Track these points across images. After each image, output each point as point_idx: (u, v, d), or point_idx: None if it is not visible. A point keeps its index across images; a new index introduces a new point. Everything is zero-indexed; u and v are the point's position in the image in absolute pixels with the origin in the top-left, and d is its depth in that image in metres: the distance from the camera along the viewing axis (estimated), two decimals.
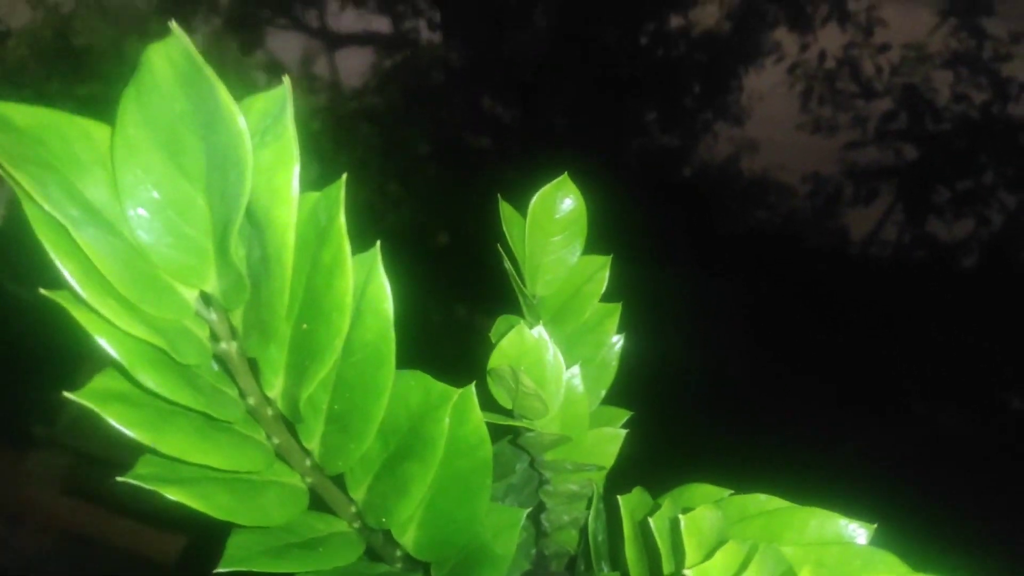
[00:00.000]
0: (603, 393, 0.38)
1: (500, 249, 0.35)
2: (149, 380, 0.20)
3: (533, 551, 0.46)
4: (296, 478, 0.28)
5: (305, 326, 0.23)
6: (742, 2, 3.44)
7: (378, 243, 0.23)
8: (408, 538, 0.34)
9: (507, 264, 0.35)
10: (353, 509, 0.31)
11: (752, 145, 3.46)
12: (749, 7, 3.45)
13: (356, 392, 0.25)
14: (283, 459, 0.27)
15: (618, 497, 0.24)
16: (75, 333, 0.19)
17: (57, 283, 0.18)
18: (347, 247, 0.21)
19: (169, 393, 0.20)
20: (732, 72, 3.33)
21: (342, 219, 0.21)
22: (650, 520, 0.23)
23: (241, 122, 0.17)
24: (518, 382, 0.30)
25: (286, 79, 0.18)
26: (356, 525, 0.31)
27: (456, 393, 0.26)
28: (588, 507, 0.39)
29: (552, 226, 0.36)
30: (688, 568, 0.19)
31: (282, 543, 0.27)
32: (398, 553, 0.34)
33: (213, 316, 0.22)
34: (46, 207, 0.18)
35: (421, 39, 3.08)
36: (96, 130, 0.20)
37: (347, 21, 3.16)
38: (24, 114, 0.19)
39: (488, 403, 0.35)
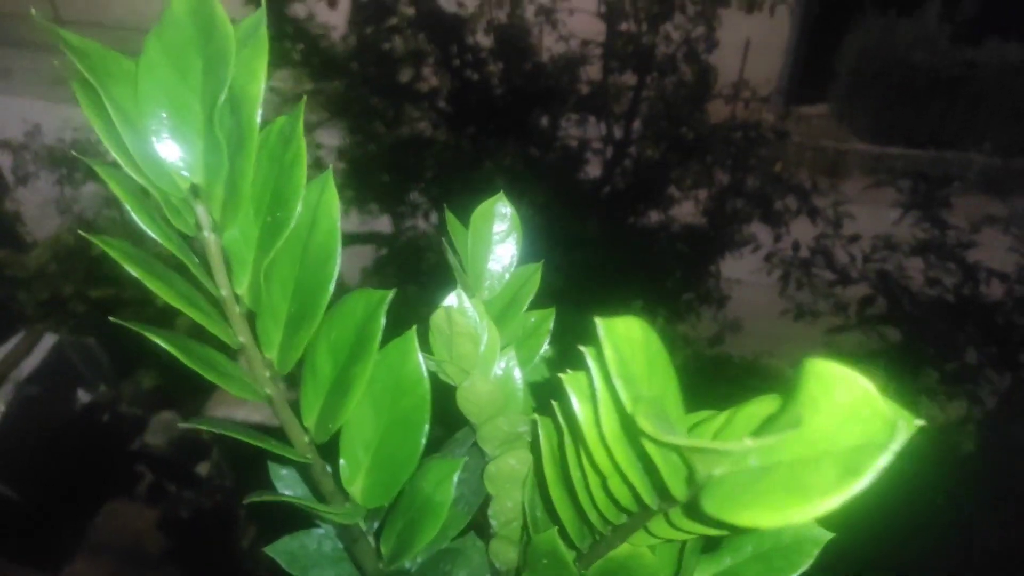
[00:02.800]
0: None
1: (445, 243, 0.42)
2: (140, 220, 0.26)
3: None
4: (257, 386, 0.33)
5: (270, 218, 0.29)
6: (716, 201, 3.71)
7: (330, 167, 0.31)
8: (357, 486, 0.38)
9: (451, 257, 0.42)
10: (306, 438, 0.35)
11: (735, 326, 3.58)
12: (723, 205, 3.72)
13: (309, 290, 0.31)
14: (246, 366, 0.32)
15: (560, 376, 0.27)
16: None
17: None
18: (303, 148, 0.28)
19: (157, 234, 0.26)
20: (711, 260, 3.53)
21: (300, 128, 0.29)
22: (561, 377, 0.28)
23: (230, 27, 0.26)
24: (451, 323, 0.36)
25: (263, 5, 0.27)
26: (309, 456, 0.35)
27: (391, 293, 0.32)
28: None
29: (490, 234, 0.44)
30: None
31: None
32: (347, 504, 0.38)
33: (200, 208, 0.29)
34: (90, 91, 0.26)
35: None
36: (123, 60, 0.28)
37: None
38: (80, 41, 0.27)
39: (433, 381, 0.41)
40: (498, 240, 0.44)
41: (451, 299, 0.38)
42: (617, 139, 3.32)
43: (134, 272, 0.27)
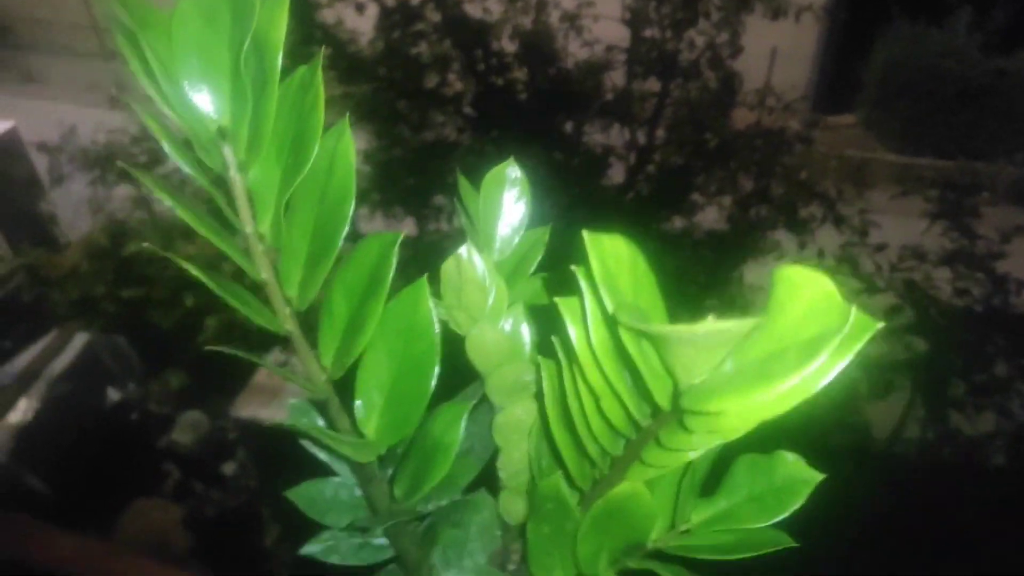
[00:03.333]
0: None
1: (457, 204, 0.44)
2: (176, 156, 0.29)
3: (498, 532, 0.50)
4: (277, 325, 0.35)
5: (290, 160, 0.32)
6: (740, 207, 3.70)
7: (347, 115, 0.33)
8: (371, 426, 0.40)
9: (463, 218, 0.44)
10: (323, 376, 0.37)
11: None
12: (747, 212, 3.71)
13: (327, 230, 0.33)
14: (267, 303, 0.35)
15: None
16: None
17: None
18: (321, 94, 0.31)
19: (191, 169, 0.29)
20: (734, 266, 3.52)
21: (319, 76, 0.31)
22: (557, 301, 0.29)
23: None
24: (461, 271, 0.38)
25: None
26: (326, 392, 0.38)
27: (401, 234, 0.34)
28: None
29: (501, 198, 0.46)
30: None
31: None
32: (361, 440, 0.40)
33: (226, 148, 0.31)
34: (131, 40, 0.28)
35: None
36: (159, 12, 0.31)
37: None
38: None
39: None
40: (508, 204, 0.46)
41: (462, 250, 0.40)
42: (641, 145, 3.34)
43: (168, 201, 0.29)
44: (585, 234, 0.24)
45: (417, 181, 3.18)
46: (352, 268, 0.35)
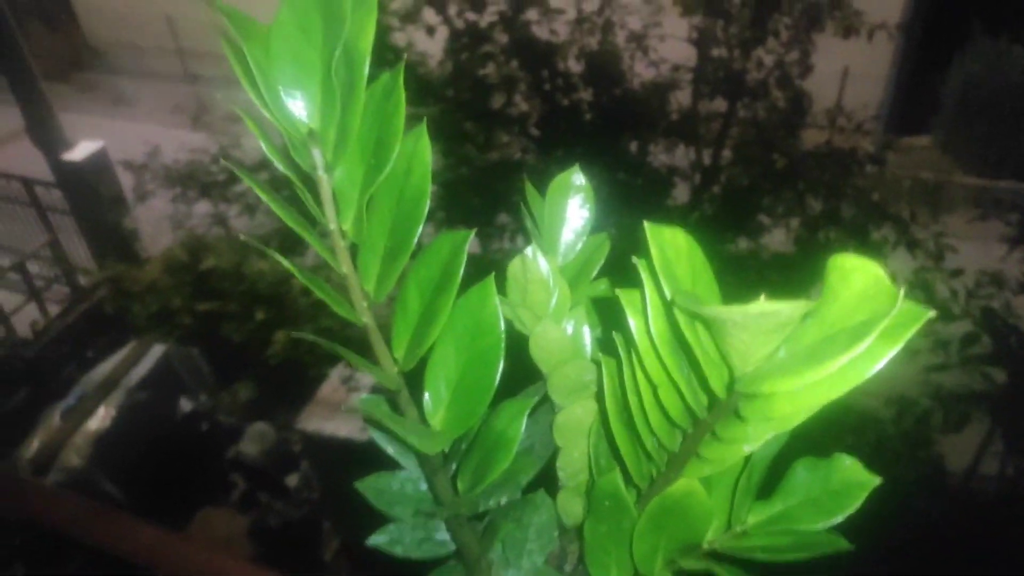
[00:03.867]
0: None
1: (523, 210, 0.46)
2: (270, 154, 0.32)
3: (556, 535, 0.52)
4: (355, 316, 0.38)
5: (372, 160, 0.34)
6: (809, 229, 3.63)
7: (424, 120, 0.36)
8: (438, 418, 0.42)
9: (528, 223, 0.46)
10: (395, 368, 0.40)
11: None
12: (815, 234, 3.63)
13: (403, 226, 0.36)
14: (346, 295, 0.37)
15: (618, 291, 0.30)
16: None
17: None
18: (403, 99, 0.33)
19: (283, 167, 0.32)
20: (803, 290, 3.45)
21: (401, 82, 0.33)
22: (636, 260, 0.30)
23: None
24: (526, 270, 0.40)
25: None
26: (395, 386, 0.40)
27: (472, 232, 0.36)
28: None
29: (565, 204, 0.48)
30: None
31: None
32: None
33: (315, 150, 0.34)
34: (235, 48, 0.31)
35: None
36: (260, 24, 0.34)
37: None
38: (228, 8, 0.33)
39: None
40: (572, 210, 0.48)
41: (527, 251, 0.42)
42: (706, 165, 3.31)
43: (262, 196, 0.32)
44: (646, 224, 0.25)
45: (482, 200, 3.23)
46: (425, 264, 0.38)
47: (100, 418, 4.54)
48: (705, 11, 3.24)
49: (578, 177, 0.48)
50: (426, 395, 0.42)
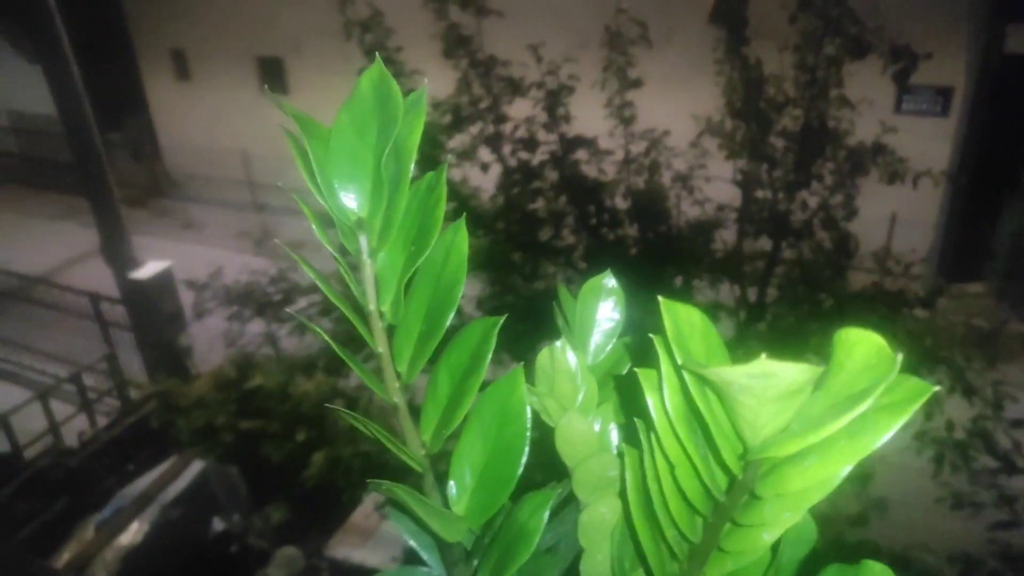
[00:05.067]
0: None
1: (556, 310, 0.48)
2: (321, 238, 0.35)
3: None
4: (387, 395, 0.39)
5: (413, 248, 0.37)
6: None
7: (464, 215, 0.39)
8: (462, 506, 0.43)
9: (560, 321, 0.48)
10: (423, 451, 0.41)
11: (881, 505, 3.30)
12: None
13: (438, 310, 0.38)
14: (380, 376, 0.39)
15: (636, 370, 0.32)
16: None
17: None
18: (444, 193, 0.37)
19: (331, 250, 0.35)
20: None
21: (443, 178, 0.37)
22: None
23: (400, 97, 0.35)
24: (554, 361, 0.41)
25: (425, 81, 0.36)
26: (421, 468, 0.41)
27: (502, 318, 0.38)
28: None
29: (596, 307, 0.50)
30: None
31: None
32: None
33: (363, 237, 0.37)
34: (299, 146, 0.35)
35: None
36: (321, 126, 0.38)
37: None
38: (294, 111, 0.37)
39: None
40: (604, 312, 0.50)
41: (556, 343, 0.44)
42: (751, 302, 3.32)
43: (312, 275, 0.35)
44: (661, 299, 0.27)
45: (526, 326, 3.27)
46: (457, 349, 0.40)
47: (133, 533, 4.51)
48: (749, 155, 3.35)
49: (610, 281, 0.50)
50: (451, 483, 0.43)
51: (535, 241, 3.44)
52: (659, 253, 3.21)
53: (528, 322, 3.23)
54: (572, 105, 3.50)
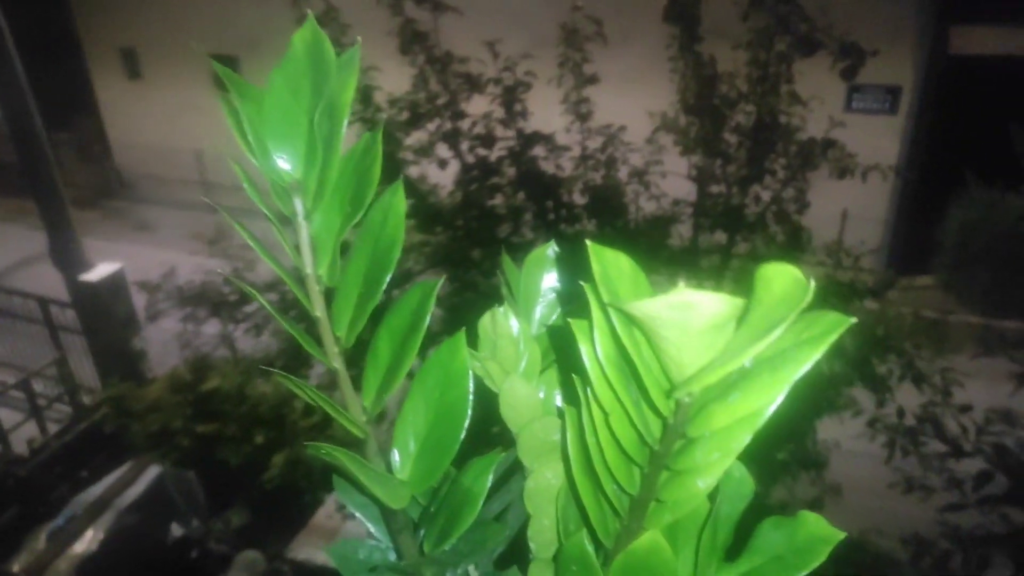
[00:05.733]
0: None
1: (500, 280, 0.49)
2: (256, 201, 0.34)
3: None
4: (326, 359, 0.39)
5: (349, 209, 0.37)
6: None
7: (400, 177, 0.39)
8: (406, 473, 0.43)
9: (504, 289, 0.48)
10: (363, 417, 0.40)
11: (836, 490, 3.38)
12: (818, 365, 3.62)
13: (376, 272, 0.38)
14: (319, 338, 0.39)
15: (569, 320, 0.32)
16: None
17: None
18: (380, 153, 0.36)
19: (266, 212, 0.34)
20: (807, 420, 3.40)
21: (379, 139, 0.37)
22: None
23: (333, 55, 0.35)
24: (496, 325, 0.41)
25: (358, 40, 0.36)
26: (363, 434, 0.40)
27: (441, 280, 0.38)
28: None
29: (541, 277, 0.50)
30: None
31: None
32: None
33: (297, 199, 0.37)
34: (231, 107, 0.35)
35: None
36: (254, 87, 0.37)
37: None
38: (226, 72, 0.37)
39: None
40: (548, 283, 0.50)
41: (498, 308, 0.44)
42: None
43: (248, 240, 0.34)
44: (588, 243, 0.27)
45: None
46: (397, 313, 0.39)
47: (87, 541, 4.40)
48: (704, 151, 3.40)
49: (553, 251, 0.51)
50: (394, 451, 0.42)
51: (494, 237, 3.44)
52: (617, 247, 3.23)
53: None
54: (529, 102, 3.51)
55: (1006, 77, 6.46)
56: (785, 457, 3.26)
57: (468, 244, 3.45)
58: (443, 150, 3.63)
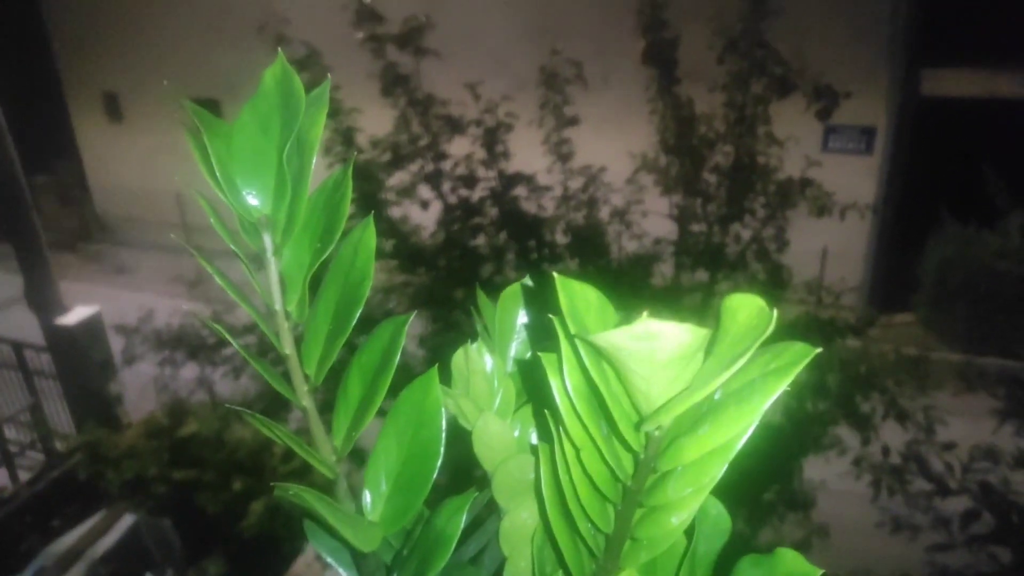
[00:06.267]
0: None
1: (474, 314, 0.48)
2: (223, 236, 0.34)
3: None
4: (295, 398, 0.38)
5: (319, 245, 0.36)
6: (796, 400, 3.63)
7: (372, 213, 0.38)
8: (377, 514, 0.41)
9: (479, 326, 0.48)
10: (333, 456, 0.39)
11: (823, 531, 3.35)
12: (803, 405, 3.62)
13: (346, 308, 0.37)
14: (288, 378, 0.38)
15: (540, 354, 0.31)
16: None
17: None
18: (350, 189, 0.36)
19: (234, 248, 0.34)
20: (793, 459, 3.39)
21: (349, 175, 0.36)
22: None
23: (303, 92, 0.35)
24: (468, 361, 0.41)
25: (328, 78, 0.36)
26: (332, 475, 0.39)
27: (412, 314, 0.38)
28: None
29: (516, 314, 0.50)
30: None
31: None
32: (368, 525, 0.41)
33: (266, 235, 0.36)
34: (199, 143, 0.35)
35: None
36: (224, 123, 0.37)
37: None
38: (196, 108, 0.37)
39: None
40: (523, 320, 0.50)
41: (471, 344, 0.43)
42: None
43: (217, 278, 0.34)
44: (555, 275, 0.27)
45: None
46: (368, 350, 0.39)
47: None
48: (684, 190, 3.44)
49: (529, 284, 0.50)
50: (366, 493, 0.41)
51: (477, 277, 3.44)
52: (599, 287, 3.24)
53: None
54: (511, 143, 3.55)
55: (976, 118, 6.63)
56: (771, 498, 3.24)
57: (451, 284, 3.45)
58: (425, 191, 3.65)
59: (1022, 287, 6.54)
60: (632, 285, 3.35)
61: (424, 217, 3.65)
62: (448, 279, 3.48)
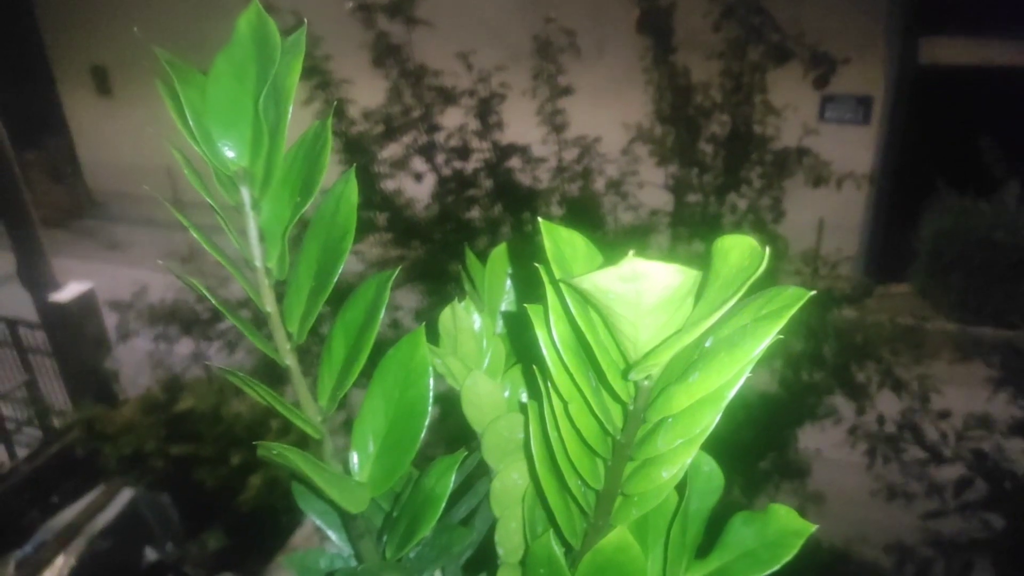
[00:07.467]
0: None
1: (463, 275, 0.47)
2: (199, 190, 0.33)
3: None
4: (278, 356, 0.37)
5: (299, 199, 0.35)
6: (792, 369, 3.64)
7: (354, 165, 0.37)
8: (365, 474, 0.41)
9: (467, 286, 0.47)
10: (319, 417, 0.39)
11: (818, 498, 3.38)
12: (798, 374, 3.64)
13: (328, 264, 0.36)
14: (271, 335, 0.37)
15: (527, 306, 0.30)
16: None
17: None
18: (330, 141, 0.35)
19: (211, 202, 0.33)
20: (788, 430, 3.41)
21: (329, 126, 0.35)
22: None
23: (278, 38, 0.33)
24: (456, 319, 0.40)
25: (304, 23, 0.34)
26: (318, 435, 0.39)
27: (396, 270, 0.36)
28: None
29: (505, 274, 0.49)
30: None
31: None
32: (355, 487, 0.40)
33: (244, 189, 0.35)
34: (173, 94, 0.33)
35: None
36: (198, 73, 0.36)
37: None
38: (169, 57, 0.35)
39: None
40: (512, 281, 0.49)
41: (458, 302, 0.42)
42: None
43: (196, 236, 0.33)
44: (540, 221, 0.26)
45: None
46: (352, 308, 0.38)
47: (58, 568, 4.29)
48: (680, 160, 3.41)
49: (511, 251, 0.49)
50: (353, 454, 0.41)
51: (472, 250, 3.42)
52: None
53: None
54: (504, 113, 3.52)
55: (975, 87, 6.58)
56: (767, 466, 3.26)
57: (445, 257, 3.43)
58: (418, 163, 3.62)
59: (1018, 257, 6.54)
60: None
61: (418, 190, 3.62)
62: (443, 252, 3.46)
